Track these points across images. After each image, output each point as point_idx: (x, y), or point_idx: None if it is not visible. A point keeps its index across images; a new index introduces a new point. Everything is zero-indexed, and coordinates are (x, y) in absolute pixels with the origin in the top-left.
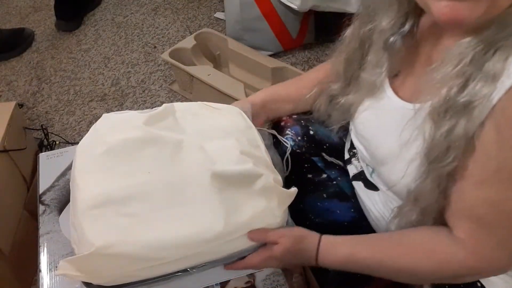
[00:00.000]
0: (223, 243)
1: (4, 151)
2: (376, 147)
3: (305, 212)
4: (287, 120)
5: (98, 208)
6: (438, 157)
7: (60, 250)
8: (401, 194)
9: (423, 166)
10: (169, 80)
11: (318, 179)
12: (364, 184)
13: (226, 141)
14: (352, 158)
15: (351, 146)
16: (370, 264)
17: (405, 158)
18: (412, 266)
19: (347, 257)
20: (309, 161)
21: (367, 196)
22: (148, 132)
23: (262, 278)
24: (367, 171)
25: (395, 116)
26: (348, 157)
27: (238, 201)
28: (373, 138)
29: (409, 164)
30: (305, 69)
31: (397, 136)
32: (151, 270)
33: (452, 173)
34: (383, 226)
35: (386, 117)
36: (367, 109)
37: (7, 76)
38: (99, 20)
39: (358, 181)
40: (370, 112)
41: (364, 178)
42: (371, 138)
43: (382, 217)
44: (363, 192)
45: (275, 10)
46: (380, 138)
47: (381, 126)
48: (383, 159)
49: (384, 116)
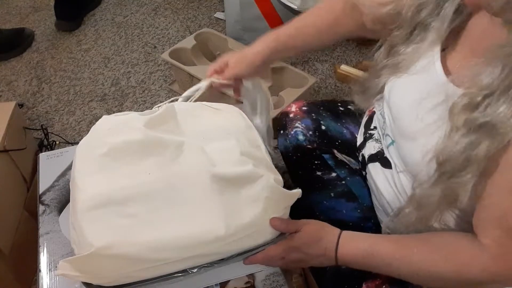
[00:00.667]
0: (224, 245)
1: (4, 151)
2: (404, 117)
3: (310, 209)
4: (296, 111)
5: (98, 209)
6: (454, 169)
7: (60, 250)
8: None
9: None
10: (169, 80)
11: (327, 178)
12: (381, 163)
13: (226, 142)
14: (368, 140)
15: (366, 128)
16: (391, 262)
17: (426, 144)
18: (431, 267)
19: (368, 251)
20: (319, 158)
21: (383, 175)
22: (148, 134)
23: (261, 278)
24: (385, 142)
25: (433, 91)
26: (362, 140)
27: (238, 202)
28: (405, 108)
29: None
30: (305, 69)
31: (428, 114)
32: (150, 270)
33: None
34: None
35: (426, 89)
36: (414, 73)
37: (7, 76)
38: (99, 20)
39: (375, 162)
40: (413, 78)
41: (381, 157)
42: (404, 106)
43: (396, 197)
44: (379, 172)
45: (275, 10)
46: (412, 110)
47: (418, 98)
48: (408, 133)
49: (425, 87)
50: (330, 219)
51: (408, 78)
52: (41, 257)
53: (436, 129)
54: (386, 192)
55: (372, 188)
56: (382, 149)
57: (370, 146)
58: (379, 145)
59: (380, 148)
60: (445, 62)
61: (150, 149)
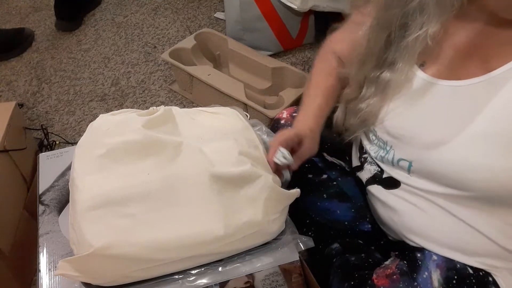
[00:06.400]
0: (223, 245)
1: (4, 151)
2: (424, 132)
3: (305, 211)
4: (287, 118)
5: (97, 209)
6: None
7: (59, 250)
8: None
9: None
10: (169, 80)
11: (318, 180)
12: (383, 185)
13: (225, 143)
14: (364, 164)
15: (361, 152)
16: None
17: (468, 133)
18: None
19: None
20: (309, 161)
21: (388, 196)
22: (147, 135)
23: (261, 278)
24: (403, 167)
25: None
26: (358, 164)
27: (237, 202)
28: (416, 126)
29: (474, 140)
30: (305, 69)
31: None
32: (150, 271)
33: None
34: (407, 222)
35: (426, 100)
36: (399, 105)
37: (7, 76)
38: (99, 20)
39: (375, 185)
40: (404, 105)
41: (380, 179)
42: (414, 126)
43: (406, 212)
44: (382, 193)
45: (275, 10)
46: (427, 122)
47: (424, 111)
48: (435, 142)
49: (424, 99)
50: (325, 220)
51: (399, 107)
52: (40, 257)
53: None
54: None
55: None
56: (377, 172)
57: (366, 170)
58: (375, 167)
59: (376, 171)
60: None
61: (149, 149)
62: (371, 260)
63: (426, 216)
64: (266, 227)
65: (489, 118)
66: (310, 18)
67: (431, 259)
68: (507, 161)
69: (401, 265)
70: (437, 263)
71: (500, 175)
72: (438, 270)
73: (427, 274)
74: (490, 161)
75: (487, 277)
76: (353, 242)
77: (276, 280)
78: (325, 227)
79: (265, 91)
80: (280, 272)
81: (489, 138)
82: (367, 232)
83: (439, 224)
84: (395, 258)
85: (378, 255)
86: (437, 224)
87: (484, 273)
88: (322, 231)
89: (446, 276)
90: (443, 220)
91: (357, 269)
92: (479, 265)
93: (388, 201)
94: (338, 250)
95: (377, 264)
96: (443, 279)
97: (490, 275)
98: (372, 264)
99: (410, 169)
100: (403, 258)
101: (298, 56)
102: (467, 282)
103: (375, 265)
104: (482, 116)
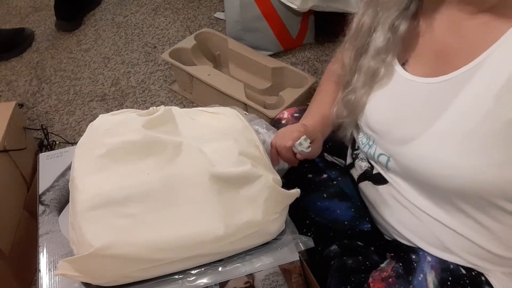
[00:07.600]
0: (223, 245)
1: (4, 151)
2: (396, 127)
3: (305, 210)
4: (288, 118)
5: (97, 209)
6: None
7: (59, 250)
8: (431, 171)
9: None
10: (169, 80)
11: (318, 179)
12: (373, 182)
13: (225, 143)
14: (355, 160)
15: (353, 149)
16: None
17: (436, 129)
18: None
19: None
20: (309, 161)
21: (377, 192)
22: (147, 135)
23: (261, 278)
24: (382, 162)
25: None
26: (351, 161)
27: (237, 202)
28: (390, 121)
29: (443, 136)
30: (305, 69)
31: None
32: (150, 270)
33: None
34: (394, 220)
35: (403, 96)
36: (378, 100)
37: (7, 76)
38: (99, 20)
39: (365, 181)
40: (382, 100)
41: (370, 175)
42: (388, 121)
43: (391, 210)
44: (372, 190)
45: (275, 10)
46: (400, 118)
47: (399, 106)
48: (406, 138)
49: (401, 95)
50: (325, 220)
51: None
52: (40, 257)
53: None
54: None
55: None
56: (367, 169)
57: (357, 166)
58: (366, 163)
59: (365, 167)
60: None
61: (149, 149)
62: (368, 263)
63: (410, 214)
64: (266, 227)
65: (451, 116)
66: (310, 18)
67: (425, 261)
68: (469, 158)
69: (397, 268)
70: (431, 265)
71: (464, 173)
72: (433, 271)
73: (422, 276)
74: (456, 158)
75: (480, 277)
76: (351, 244)
77: (276, 280)
78: (325, 227)
79: (265, 91)
80: (280, 272)
81: (454, 135)
82: (367, 232)
83: (422, 222)
84: (390, 260)
85: (376, 257)
86: (421, 222)
87: (477, 273)
88: (321, 231)
89: (441, 278)
90: (425, 219)
91: (354, 273)
92: (468, 265)
93: (377, 198)
94: (336, 252)
95: (374, 267)
96: (438, 280)
97: (482, 275)
98: (369, 267)
99: (388, 164)
100: (399, 260)
101: (298, 56)
102: (461, 282)
103: (372, 268)
104: (448, 114)
